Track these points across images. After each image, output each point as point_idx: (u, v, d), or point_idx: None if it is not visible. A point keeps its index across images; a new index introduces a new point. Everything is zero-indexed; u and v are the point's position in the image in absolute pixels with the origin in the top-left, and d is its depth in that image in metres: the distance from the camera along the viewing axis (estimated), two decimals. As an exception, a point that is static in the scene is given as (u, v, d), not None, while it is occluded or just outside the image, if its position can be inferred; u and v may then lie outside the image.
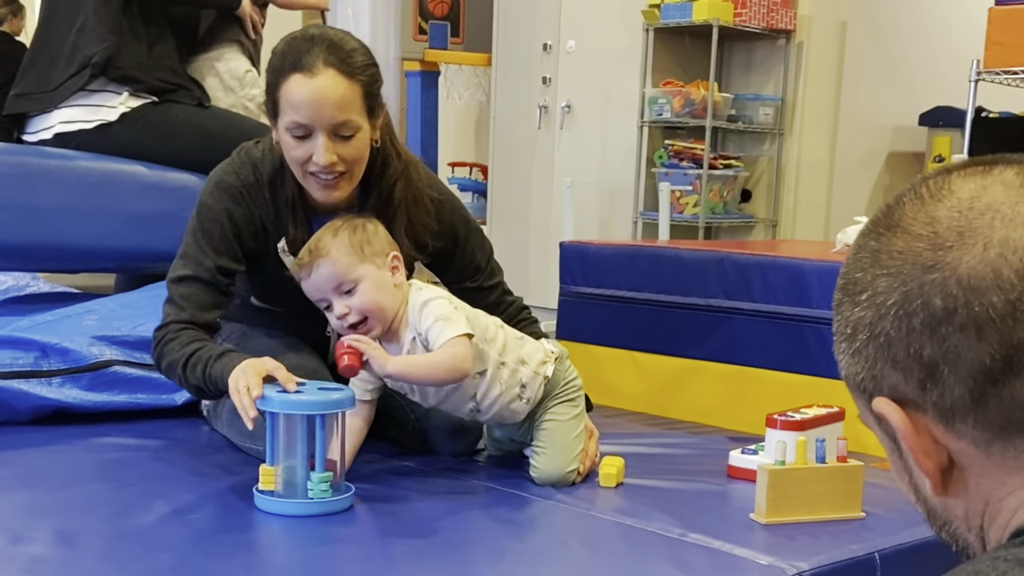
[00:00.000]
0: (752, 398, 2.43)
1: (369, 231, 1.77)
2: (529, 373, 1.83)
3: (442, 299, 1.76)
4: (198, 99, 2.84)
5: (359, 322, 1.73)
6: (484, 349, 1.78)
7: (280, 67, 1.77)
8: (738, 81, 5.05)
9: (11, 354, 2.17)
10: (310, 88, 1.74)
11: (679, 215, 4.81)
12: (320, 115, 1.75)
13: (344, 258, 1.72)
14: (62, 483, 1.77)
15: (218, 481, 1.79)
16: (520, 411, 1.84)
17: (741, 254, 2.49)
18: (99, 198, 2.69)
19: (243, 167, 1.89)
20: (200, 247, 1.86)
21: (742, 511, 1.71)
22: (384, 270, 1.75)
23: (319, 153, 1.76)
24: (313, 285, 1.75)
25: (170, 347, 1.80)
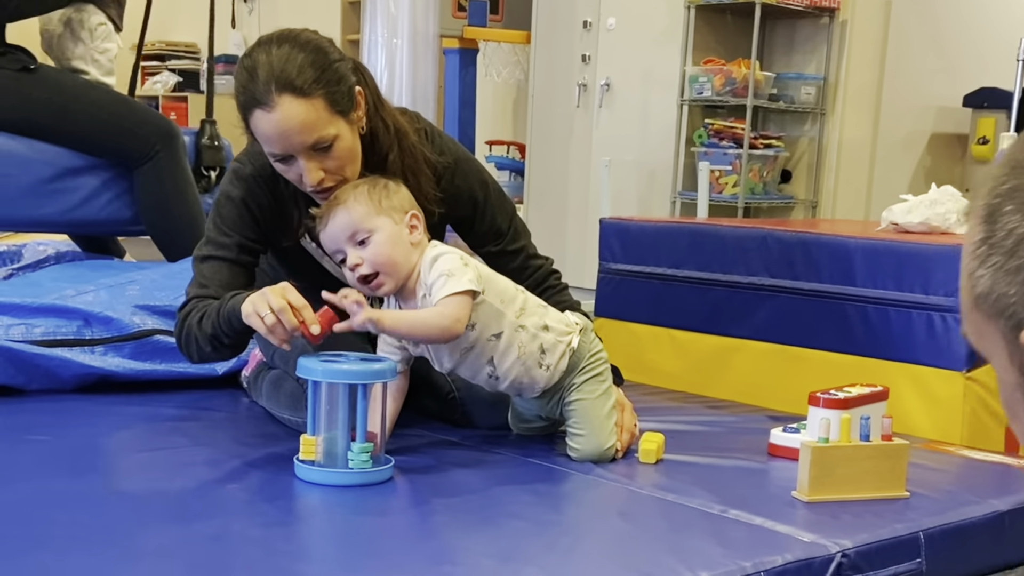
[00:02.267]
0: (793, 377, 2.40)
1: (390, 188, 1.76)
2: (551, 340, 1.80)
3: (452, 254, 1.74)
4: (23, 63, 2.83)
5: (371, 275, 1.71)
6: (501, 310, 1.75)
7: (242, 103, 1.75)
8: (780, 60, 5.00)
9: (55, 323, 2.18)
10: (271, 123, 1.71)
11: (718, 195, 4.77)
12: (290, 143, 1.72)
13: (360, 207, 1.71)
14: (104, 450, 1.79)
15: (257, 451, 1.80)
16: (540, 380, 1.80)
17: (784, 231, 2.46)
18: None
19: (258, 156, 1.87)
20: (220, 229, 1.86)
21: (784, 489, 1.69)
22: (401, 226, 1.73)
23: (304, 175, 1.76)
24: (329, 236, 1.74)
25: (190, 317, 1.80)
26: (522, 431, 1.96)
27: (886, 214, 2.60)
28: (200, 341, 1.79)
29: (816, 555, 1.41)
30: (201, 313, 1.78)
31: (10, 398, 2.08)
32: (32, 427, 1.88)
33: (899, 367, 2.28)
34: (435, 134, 1.98)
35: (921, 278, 2.25)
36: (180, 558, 1.30)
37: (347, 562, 1.34)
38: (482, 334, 1.75)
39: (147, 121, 2.97)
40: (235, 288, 1.83)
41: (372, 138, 1.85)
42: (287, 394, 1.97)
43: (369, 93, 1.84)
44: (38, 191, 2.82)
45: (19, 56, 2.82)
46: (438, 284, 1.69)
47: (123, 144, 2.90)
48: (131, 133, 2.92)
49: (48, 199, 2.84)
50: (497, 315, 1.75)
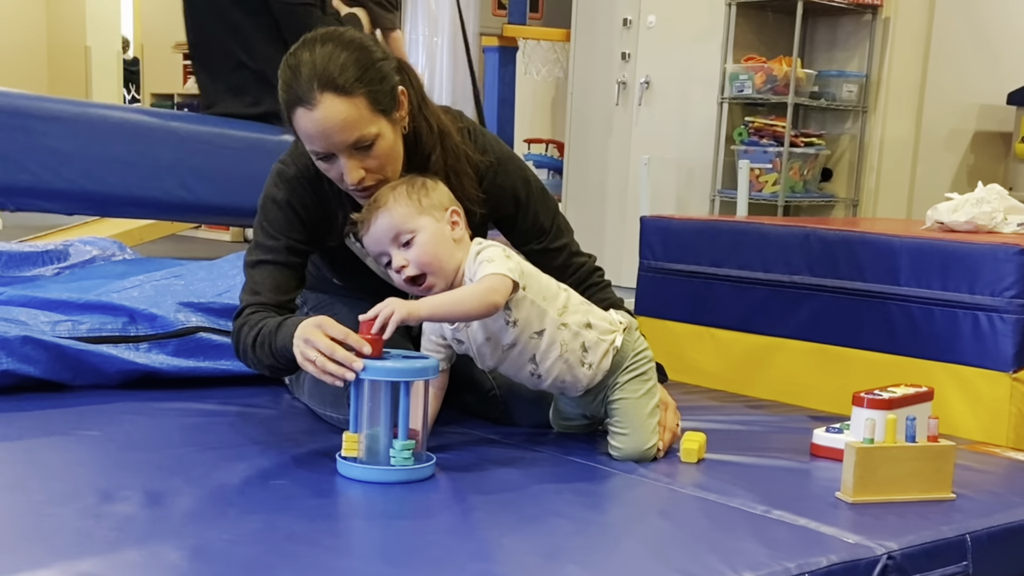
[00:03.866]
0: (834, 377, 2.39)
1: (428, 186, 1.76)
2: (594, 338, 1.79)
3: (496, 248, 1.74)
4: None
5: (417, 276, 1.71)
6: (543, 308, 1.75)
7: (286, 101, 1.75)
8: (822, 57, 4.96)
9: (100, 319, 2.21)
10: (313, 121, 1.71)
11: (758, 193, 4.74)
12: (332, 142, 1.73)
13: (401, 208, 1.71)
14: (149, 445, 1.80)
15: (300, 447, 1.80)
16: (582, 378, 1.80)
17: (827, 230, 2.44)
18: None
19: (301, 157, 1.88)
20: (268, 233, 1.87)
21: (827, 489, 1.67)
22: (443, 224, 1.74)
23: (345, 174, 1.76)
24: (372, 238, 1.74)
25: (243, 332, 1.81)
26: (563, 429, 1.95)
27: (931, 213, 2.57)
28: (258, 365, 1.82)
29: (861, 557, 1.40)
30: (255, 333, 1.78)
31: (57, 393, 2.10)
32: (79, 422, 1.90)
33: (944, 367, 2.25)
34: (478, 132, 1.98)
35: (967, 278, 2.22)
36: (227, 553, 1.30)
37: (391, 558, 1.34)
38: (524, 331, 1.74)
39: None
40: (287, 292, 1.85)
41: (415, 138, 1.85)
42: (329, 391, 1.97)
43: (413, 93, 1.84)
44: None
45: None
46: (480, 269, 1.70)
47: None
48: None
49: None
50: (539, 312, 1.75)
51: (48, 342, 2.09)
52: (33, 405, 2.00)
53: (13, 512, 1.42)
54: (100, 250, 3.07)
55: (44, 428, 1.87)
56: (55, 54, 9.35)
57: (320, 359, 1.61)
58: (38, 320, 2.15)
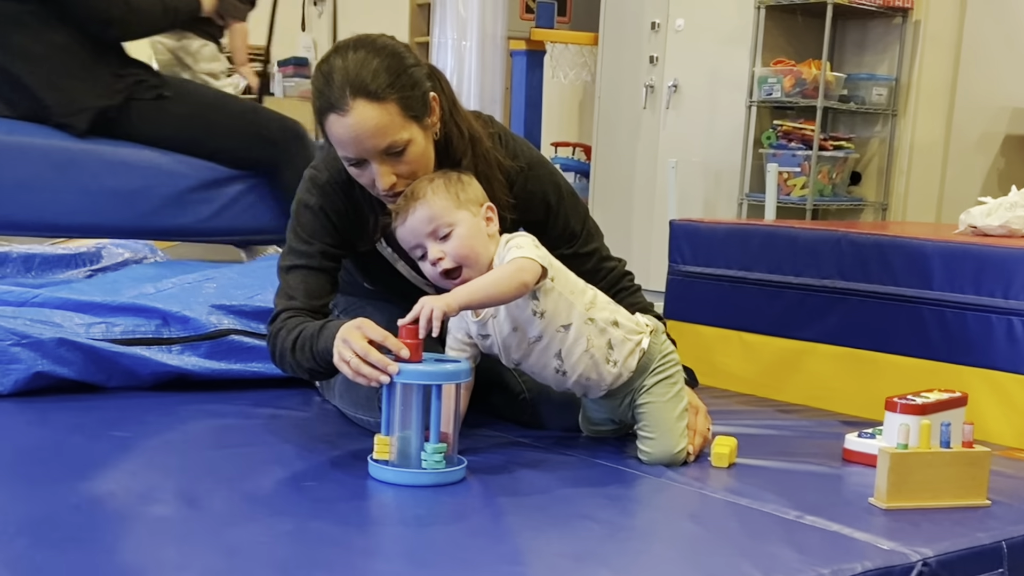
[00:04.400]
0: (865, 381, 2.37)
1: (464, 180, 1.76)
2: (620, 336, 1.79)
3: (526, 236, 1.75)
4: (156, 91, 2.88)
5: (453, 269, 1.71)
6: (570, 300, 1.75)
7: (318, 107, 1.75)
8: (851, 60, 4.93)
9: (134, 321, 2.22)
10: (345, 127, 1.72)
11: (786, 197, 4.72)
12: (363, 147, 1.73)
13: (439, 201, 1.71)
14: (182, 447, 1.81)
15: (331, 450, 1.81)
16: (607, 376, 1.79)
17: (859, 234, 2.42)
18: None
19: (332, 162, 1.88)
20: (301, 238, 1.87)
21: (860, 495, 1.66)
22: (479, 218, 1.74)
23: (377, 180, 1.76)
24: (408, 230, 1.73)
25: (280, 337, 1.81)
26: (592, 433, 1.95)
27: (964, 216, 2.55)
28: (297, 369, 1.82)
29: (896, 563, 1.39)
30: (294, 336, 1.78)
31: (91, 395, 2.12)
32: (113, 423, 1.91)
33: (977, 372, 2.23)
34: (508, 138, 1.98)
35: (1002, 282, 2.20)
36: (259, 555, 1.31)
37: (422, 561, 1.34)
38: (551, 323, 1.74)
39: (280, 126, 3.03)
40: (321, 296, 1.85)
41: (446, 144, 1.85)
42: (361, 393, 1.98)
43: (444, 99, 1.84)
44: (178, 201, 2.91)
45: (150, 83, 2.88)
46: (508, 255, 1.70)
47: (263, 152, 2.97)
48: (268, 140, 2.98)
49: (187, 209, 2.93)
50: (567, 305, 1.75)
51: (82, 344, 2.10)
52: (67, 406, 2.02)
53: (45, 514, 1.42)
54: (132, 253, 3.10)
55: (78, 429, 1.88)
56: None
57: (355, 360, 1.61)
58: (72, 322, 2.17)
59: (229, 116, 2.98)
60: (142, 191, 2.87)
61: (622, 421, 1.90)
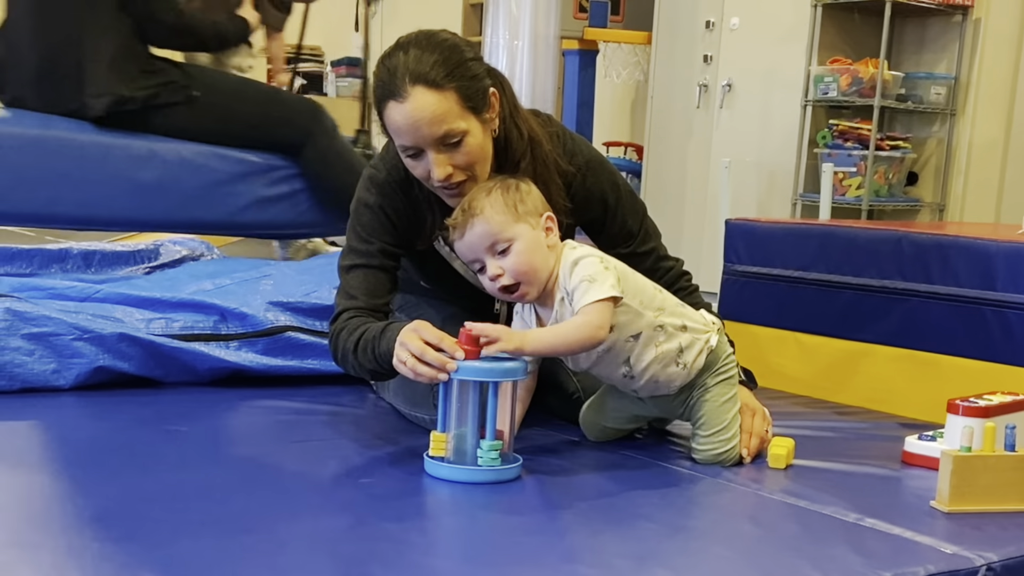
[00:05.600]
0: (925, 383, 2.33)
1: (523, 190, 1.74)
2: (688, 338, 1.78)
3: (593, 257, 1.72)
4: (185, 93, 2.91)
5: (512, 285, 1.70)
6: (639, 311, 1.74)
7: (378, 96, 1.76)
8: (909, 59, 4.86)
9: (193, 317, 2.24)
10: (403, 113, 1.72)
11: (841, 197, 4.66)
12: (420, 135, 1.73)
13: (498, 216, 1.69)
14: (239, 441, 1.83)
15: (386, 446, 1.82)
16: (676, 378, 1.78)
17: (920, 234, 2.38)
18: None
19: (391, 160, 1.89)
20: (361, 237, 1.88)
21: (921, 498, 1.64)
22: (538, 230, 1.72)
23: (433, 169, 1.76)
24: (466, 245, 1.72)
25: (342, 337, 1.82)
26: (598, 437, 1.91)
27: (1027, 217, 2.50)
28: (359, 369, 1.82)
29: (960, 567, 1.36)
30: (356, 338, 1.79)
31: (149, 389, 2.15)
32: (171, 417, 1.94)
33: (1040, 375, 2.18)
34: (567, 137, 1.97)
35: (1067, 283, 2.15)
36: (316, 551, 1.31)
37: (480, 558, 1.34)
38: (620, 335, 1.73)
39: (295, 106, 3.10)
40: (382, 295, 1.86)
41: (505, 144, 1.85)
42: (417, 390, 1.98)
43: (505, 98, 1.84)
44: (209, 195, 2.95)
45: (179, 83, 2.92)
46: (580, 291, 1.67)
47: (282, 133, 3.04)
48: (287, 121, 3.04)
49: (217, 202, 2.97)
50: (636, 316, 1.74)
51: (143, 339, 2.13)
52: (127, 401, 2.05)
53: (108, 507, 1.44)
54: (189, 251, 3.13)
55: (138, 423, 1.91)
56: None
57: (411, 360, 1.61)
58: (133, 318, 2.20)
59: (252, 102, 3.05)
60: (171, 184, 2.92)
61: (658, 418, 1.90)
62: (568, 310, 1.70)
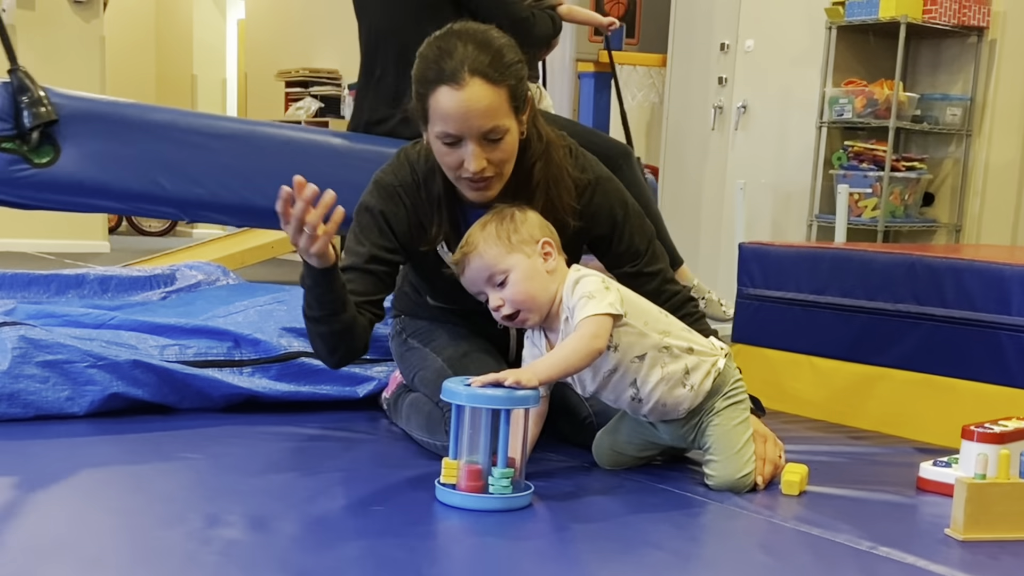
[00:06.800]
0: (940, 408, 2.31)
1: (517, 220, 1.77)
2: (694, 360, 1.79)
3: (594, 277, 1.75)
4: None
5: (513, 313, 1.74)
6: (643, 332, 1.75)
7: (427, 77, 1.77)
8: (924, 80, 4.84)
9: (207, 343, 2.25)
10: (457, 101, 1.74)
11: (857, 218, 4.64)
12: (469, 125, 1.76)
13: (491, 250, 1.74)
14: (252, 469, 1.82)
15: (398, 473, 1.82)
16: (683, 400, 1.78)
17: (934, 257, 2.37)
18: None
19: (401, 168, 1.93)
20: (358, 240, 1.92)
21: (936, 526, 1.62)
22: (535, 258, 1.75)
23: (469, 160, 1.78)
24: (468, 280, 1.78)
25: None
26: (612, 465, 1.90)
27: (1042, 240, 2.49)
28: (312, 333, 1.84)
29: (974, 598, 1.35)
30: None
31: (163, 415, 2.15)
32: (185, 445, 1.94)
33: (1057, 400, 2.16)
34: (578, 153, 2.00)
35: (1083, 307, 2.13)
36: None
37: (489, 588, 1.34)
38: (625, 356, 1.74)
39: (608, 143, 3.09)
40: (366, 295, 1.88)
41: (525, 145, 1.88)
42: (426, 417, 1.98)
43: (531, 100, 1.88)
44: None
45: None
46: (579, 306, 1.70)
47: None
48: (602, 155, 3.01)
49: None
50: (639, 336, 1.74)
51: (157, 366, 2.14)
52: (141, 427, 2.05)
53: (121, 536, 1.44)
54: (205, 275, 3.13)
55: (151, 451, 1.91)
56: (164, 81, 9.64)
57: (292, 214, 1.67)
58: (147, 344, 2.21)
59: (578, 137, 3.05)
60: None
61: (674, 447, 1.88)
62: (572, 329, 1.72)
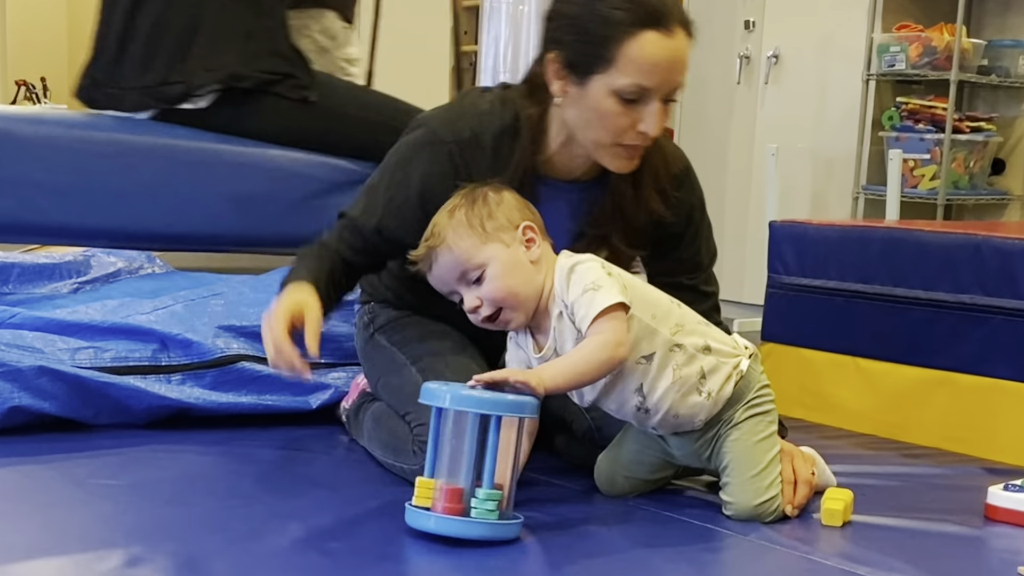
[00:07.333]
0: (1013, 420, 2.33)
1: (491, 202, 1.77)
2: (713, 363, 1.78)
3: (592, 262, 1.74)
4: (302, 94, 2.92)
5: (494, 314, 1.74)
6: (652, 327, 1.75)
7: (625, 18, 1.80)
8: (992, 24, 4.87)
9: (128, 346, 2.24)
10: (669, 50, 1.81)
11: (912, 190, 4.68)
12: (669, 78, 1.82)
13: (463, 241, 1.73)
14: (183, 498, 1.82)
15: (359, 502, 1.81)
16: (698, 409, 1.78)
17: (1004, 239, 2.39)
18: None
19: (461, 120, 1.93)
20: (377, 198, 1.95)
21: (1008, 563, 1.63)
22: (515, 246, 1.75)
23: (650, 122, 1.83)
24: (437, 278, 1.78)
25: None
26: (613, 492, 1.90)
27: None
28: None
29: (1052, 650, 1.36)
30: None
31: (74, 433, 2.13)
32: (102, 468, 1.93)
33: None
34: (666, 139, 2.05)
35: None
36: (271, 632, 1.31)
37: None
38: (631, 356, 1.73)
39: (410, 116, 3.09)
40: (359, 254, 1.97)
41: None
42: (390, 434, 1.98)
43: None
44: (304, 207, 2.95)
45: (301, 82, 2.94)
46: (583, 303, 1.68)
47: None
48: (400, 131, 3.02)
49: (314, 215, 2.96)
50: (648, 333, 1.74)
51: (67, 373, 2.12)
52: (49, 448, 2.03)
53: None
54: (126, 262, 3.12)
55: (61, 476, 1.90)
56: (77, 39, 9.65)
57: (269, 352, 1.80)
58: (55, 347, 2.20)
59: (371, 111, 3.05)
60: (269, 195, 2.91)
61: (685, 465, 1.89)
62: (568, 326, 1.72)
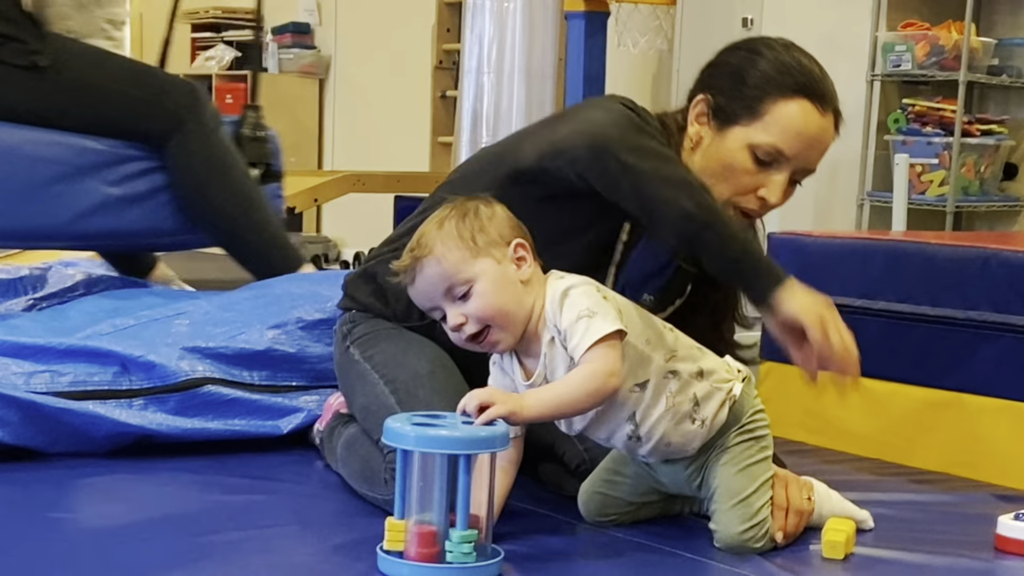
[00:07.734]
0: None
1: (483, 215, 1.76)
2: (705, 388, 1.79)
3: (587, 286, 1.74)
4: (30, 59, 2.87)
5: (480, 332, 1.72)
6: (647, 354, 1.75)
7: (786, 81, 1.98)
8: (1003, 21, 4.89)
9: (86, 369, 2.23)
10: (817, 126, 1.98)
11: (920, 196, 4.69)
12: (807, 155, 1.99)
13: (452, 254, 1.72)
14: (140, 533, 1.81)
15: (333, 536, 1.81)
16: (691, 437, 1.79)
17: (1016, 252, 2.39)
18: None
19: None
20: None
21: (1019, 599, 1.63)
22: (505, 263, 1.74)
23: (774, 190, 1.99)
24: (420, 292, 1.76)
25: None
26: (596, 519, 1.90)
27: None
28: None
29: None
30: None
31: (28, 463, 2.12)
32: (57, 502, 1.93)
33: None
34: None
35: None
36: None
37: None
38: (624, 384, 1.73)
39: (168, 87, 3.04)
40: None
41: None
42: (362, 462, 1.98)
43: None
44: (39, 196, 2.87)
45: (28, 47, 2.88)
46: (577, 330, 1.68)
47: (149, 122, 2.97)
48: (155, 103, 2.98)
49: (53, 205, 2.88)
50: (642, 360, 1.75)
51: (20, 399, 2.11)
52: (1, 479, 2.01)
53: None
54: (85, 275, 3.11)
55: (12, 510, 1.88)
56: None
57: None
58: (8, 371, 2.18)
59: (121, 83, 2.99)
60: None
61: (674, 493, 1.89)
62: (560, 352, 1.71)
